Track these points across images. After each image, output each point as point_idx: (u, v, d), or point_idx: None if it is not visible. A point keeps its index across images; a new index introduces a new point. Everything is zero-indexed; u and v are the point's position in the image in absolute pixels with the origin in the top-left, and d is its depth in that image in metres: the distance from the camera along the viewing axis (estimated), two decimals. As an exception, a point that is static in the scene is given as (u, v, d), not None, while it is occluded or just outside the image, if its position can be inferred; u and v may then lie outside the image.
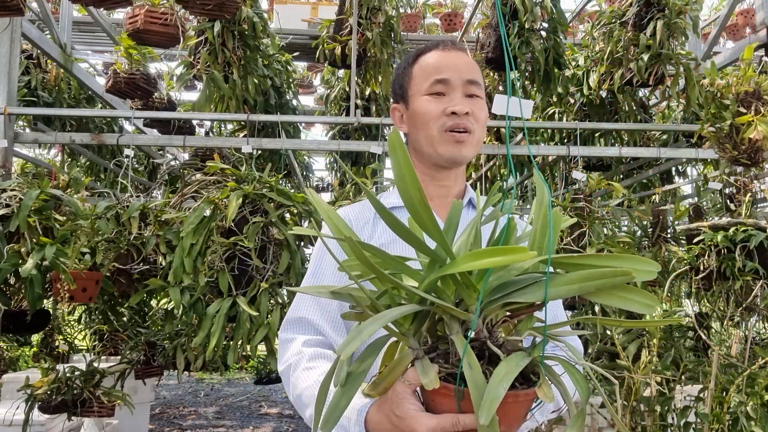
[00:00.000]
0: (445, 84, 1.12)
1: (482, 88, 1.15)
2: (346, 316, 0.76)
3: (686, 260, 2.79)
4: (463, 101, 1.11)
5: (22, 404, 2.69)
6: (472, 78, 1.12)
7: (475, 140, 1.12)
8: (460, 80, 1.12)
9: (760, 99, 2.65)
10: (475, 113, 1.11)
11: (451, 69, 1.12)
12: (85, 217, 2.52)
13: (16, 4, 2.62)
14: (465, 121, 1.10)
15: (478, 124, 1.12)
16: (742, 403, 2.20)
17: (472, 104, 1.11)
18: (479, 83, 1.13)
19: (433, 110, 1.11)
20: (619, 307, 0.61)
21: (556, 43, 3.36)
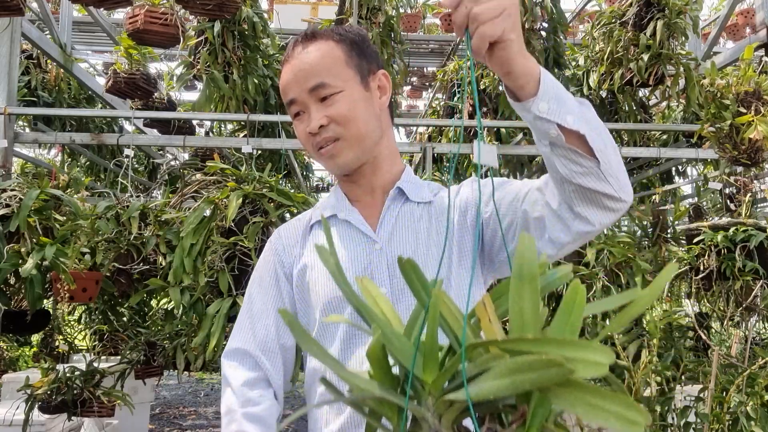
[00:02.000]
0: (296, 104, 1.03)
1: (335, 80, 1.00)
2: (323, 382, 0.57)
3: (686, 260, 2.79)
4: (317, 113, 0.99)
5: (22, 404, 2.69)
6: (314, 84, 0.99)
7: (350, 140, 1.01)
8: (304, 93, 1.01)
9: (760, 99, 2.65)
10: (334, 116, 0.99)
11: (293, 84, 1.02)
12: (85, 217, 2.52)
13: (16, 4, 2.62)
14: (325, 133, 1.00)
15: (344, 125, 1.00)
16: (742, 403, 2.20)
17: (327, 109, 0.99)
18: (324, 83, 0.99)
19: (301, 133, 1.04)
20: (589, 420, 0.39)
21: (556, 43, 3.37)
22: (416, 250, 1.02)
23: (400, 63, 4.02)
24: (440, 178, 2.95)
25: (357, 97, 1.01)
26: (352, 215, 1.08)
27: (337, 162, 1.03)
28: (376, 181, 1.09)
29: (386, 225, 1.06)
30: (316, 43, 1.03)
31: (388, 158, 1.10)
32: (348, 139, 1.01)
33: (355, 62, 1.03)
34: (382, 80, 1.08)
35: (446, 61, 5.12)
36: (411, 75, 6.38)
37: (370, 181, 1.09)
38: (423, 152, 3.28)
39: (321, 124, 0.99)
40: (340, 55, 1.02)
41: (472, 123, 3.85)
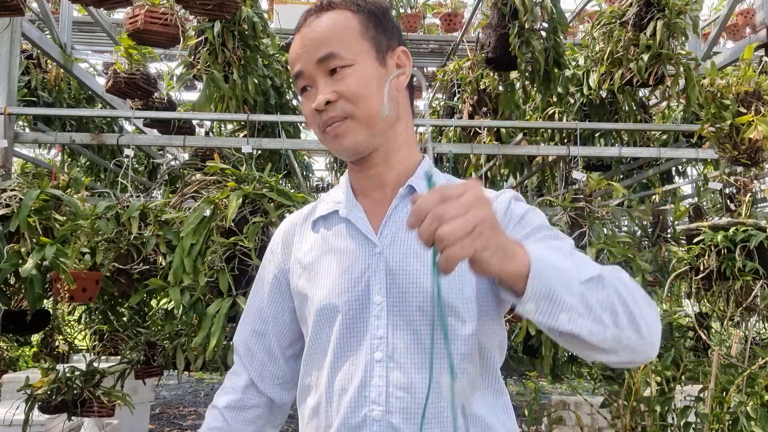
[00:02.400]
0: (302, 78, 0.93)
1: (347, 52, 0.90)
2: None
3: (686, 260, 2.79)
4: (326, 87, 0.89)
5: (22, 404, 2.69)
6: (322, 54, 0.89)
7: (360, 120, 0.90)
8: (312, 65, 0.91)
9: (760, 99, 2.65)
10: (344, 92, 0.89)
11: (300, 56, 0.92)
12: (85, 217, 2.52)
13: (16, 4, 2.62)
14: (332, 111, 0.89)
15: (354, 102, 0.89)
16: (742, 403, 2.20)
17: (336, 83, 0.89)
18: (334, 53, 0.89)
19: (307, 112, 0.94)
20: None
21: (556, 43, 3.36)
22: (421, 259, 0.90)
23: (400, 63, 4.01)
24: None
25: (371, 73, 0.90)
26: (353, 213, 0.97)
27: (344, 144, 0.91)
28: (387, 173, 0.97)
29: (390, 226, 0.94)
30: (331, 13, 0.93)
31: (403, 147, 0.98)
32: (358, 118, 0.90)
33: (372, 35, 0.92)
34: (402, 58, 0.96)
35: (446, 61, 5.12)
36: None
37: (381, 172, 0.97)
38: (423, 152, 3.27)
39: (328, 99, 0.89)
40: (356, 26, 0.92)
41: (472, 123, 3.85)
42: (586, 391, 3.30)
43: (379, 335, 0.88)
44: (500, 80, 3.89)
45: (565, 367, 3.07)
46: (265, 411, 1.07)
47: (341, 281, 0.92)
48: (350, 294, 0.91)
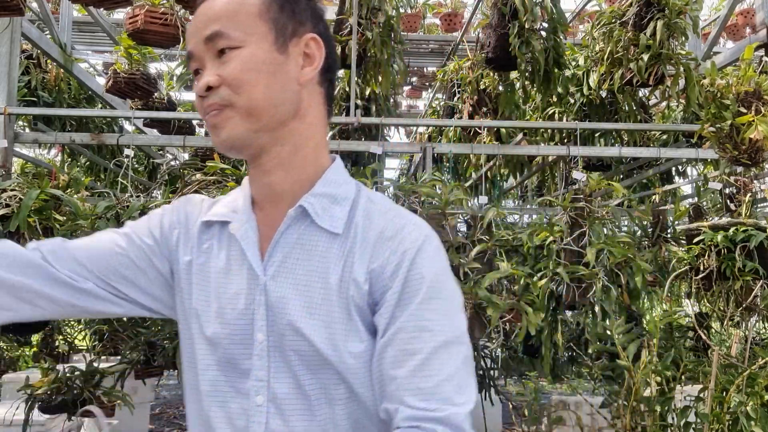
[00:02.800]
0: (193, 59, 0.81)
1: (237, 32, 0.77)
2: None
3: (686, 260, 2.79)
4: (211, 69, 0.78)
5: (22, 404, 2.69)
6: (211, 31, 0.78)
7: (240, 110, 0.77)
8: (200, 44, 0.79)
9: (760, 99, 2.65)
10: (226, 77, 0.77)
11: (192, 35, 0.81)
12: (85, 217, 2.52)
13: (16, 4, 2.62)
14: (213, 97, 0.77)
15: (236, 89, 0.77)
16: (742, 403, 2.20)
17: (221, 67, 0.77)
18: (221, 32, 0.77)
19: (196, 95, 0.81)
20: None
21: (556, 43, 3.37)
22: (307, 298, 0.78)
23: (400, 63, 4.02)
24: (440, 178, 2.96)
25: (261, 58, 0.78)
26: (244, 230, 0.83)
27: (220, 135, 0.78)
28: (281, 183, 0.82)
29: (278, 253, 0.81)
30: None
31: (304, 150, 0.83)
32: (238, 107, 0.77)
33: (273, 16, 0.80)
34: (311, 46, 0.83)
35: (446, 61, 5.12)
36: (411, 75, 6.38)
37: (273, 181, 0.82)
38: (423, 152, 3.28)
39: (210, 84, 0.77)
40: (254, 4, 0.79)
41: (472, 123, 3.85)
42: (586, 391, 3.30)
43: (260, 377, 0.78)
44: (500, 80, 3.89)
45: (565, 367, 3.07)
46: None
47: (227, 310, 0.81)
48: (233, 327, 0.80)
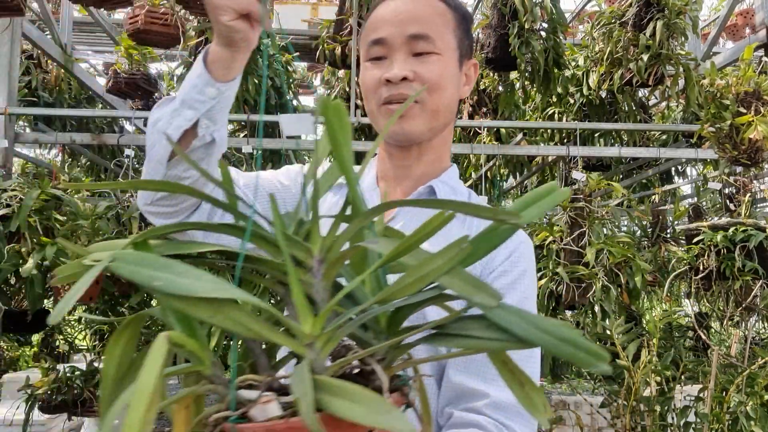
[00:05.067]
0: (382, 45, 0.87)
1: (439, 41, 0.87)
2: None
3: (686, 260, 2.80)
4: (405, 64, 0.85)
5: (23, 404, 2.70)
6: (417, 32, 0.85)
7: (428, 109, 0.87)
8: (400, 37, 0.86)
9: (759, 99, 2.65)
10: (424, 76, 0.85)
11: (389, 24, 0.87)
12: (85, 217, 2.52)
13: (17, 4, 2.62)
14: (404, 89, 0.85)
15: (430, 93, 0.86)
16: (742, 403, 2.20)
17: (418, 65, 0.85)
18: (428, 36, 0.86)
19: (370, 80, 0.89)
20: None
21: (556, 43, 3.37)
22: None
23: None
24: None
25: (451, 71, 0.88)
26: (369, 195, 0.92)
27: (405, 127, 0.87)
28: (416, 168, 0.93)
29: (400, 220, 0.89)
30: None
31: (438, 149, 0.94)
32: (427, 107, 0.87)
33: (460, 36, 0.90)
34: (471, 70, 0.95)
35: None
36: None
37: (410, 165, 0.92)
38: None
39: (405, 76, 0.84)
40: (451, 20, 0.89)
41: (472, 123, 3.86)
42: (586, 391, 3.30)
43: None
44: (500, 80, 3.90)
45: (565, 367, 3.08)
46: None
47: None
48: None
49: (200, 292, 0.41)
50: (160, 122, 0.76)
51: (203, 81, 0.76)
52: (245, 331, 0.45)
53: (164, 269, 0.43)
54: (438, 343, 0.45)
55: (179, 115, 0.75)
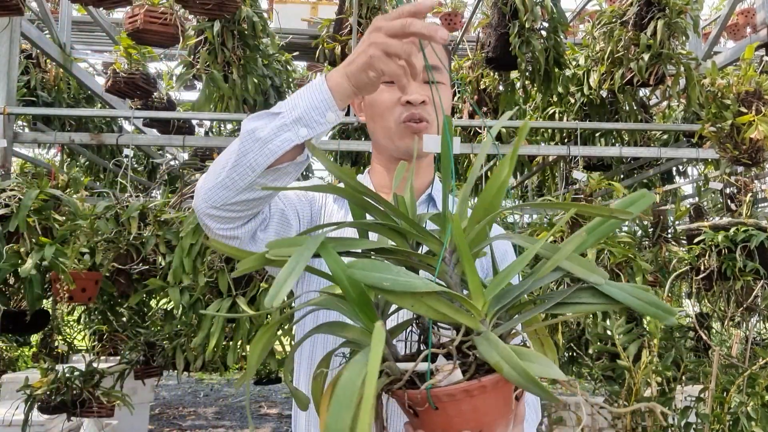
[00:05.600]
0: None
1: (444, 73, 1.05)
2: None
3: (687, 260, 2.79)
4: (421, 89, 1.01)
5: (22, 404, 2.69)
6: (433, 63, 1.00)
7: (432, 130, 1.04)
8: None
9: (760, 99, 2.64)
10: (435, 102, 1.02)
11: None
12: (84, 217, 2.51)
13: (16, 3, 2.61)
14: (421, 110, 1.01)
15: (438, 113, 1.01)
16: (743, 404, 2.20)
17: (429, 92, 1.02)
18: (439, 68, 1.03)
19: (387, 100, 1.02)
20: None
21: (557, 42, 3.36)
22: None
23: (400, 63, 4.01)
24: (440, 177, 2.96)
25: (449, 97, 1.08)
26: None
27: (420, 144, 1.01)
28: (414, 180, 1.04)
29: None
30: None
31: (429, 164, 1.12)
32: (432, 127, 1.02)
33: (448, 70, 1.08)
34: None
35: (446, 61, 5.12)
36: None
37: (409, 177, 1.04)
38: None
39: (424, 100, 1.01)
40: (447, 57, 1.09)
41: (472, 123, 3.85)
42: (586, 391, 3.29)
43: None
44: (500, 80, 3.89)
45: (566, 367, 3.07)
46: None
47: None
48: None
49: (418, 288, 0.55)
50: (259, 132, 0.79)
51: (327, 105, 0.80)
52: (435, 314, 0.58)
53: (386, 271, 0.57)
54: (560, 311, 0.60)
55: (290, 131, 0.79)
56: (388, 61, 0.74)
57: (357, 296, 0.60)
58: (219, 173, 0.83)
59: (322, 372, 0.70)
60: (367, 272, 0.56)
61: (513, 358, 0.53)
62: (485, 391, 0.57)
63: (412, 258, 0.63)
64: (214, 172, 0.85)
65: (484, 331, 0.58)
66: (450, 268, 0.62)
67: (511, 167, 0.63)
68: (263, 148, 0.79)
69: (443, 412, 0.57)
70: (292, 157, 0.82)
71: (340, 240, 0.64)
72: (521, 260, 0.59)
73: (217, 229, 0.88)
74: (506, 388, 0.60)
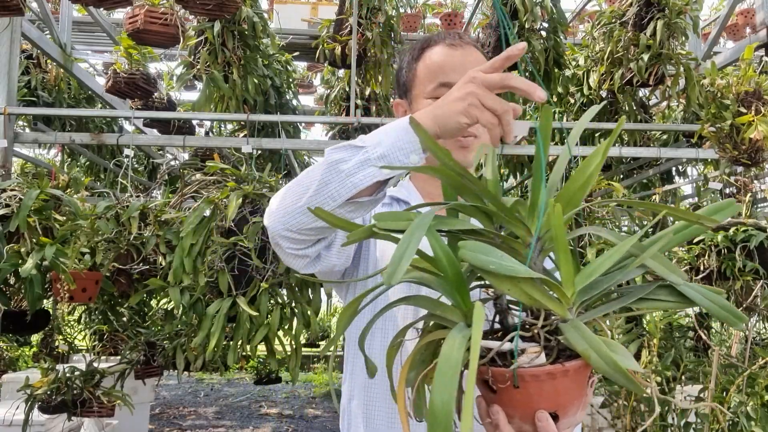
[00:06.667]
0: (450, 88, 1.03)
1: None
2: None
3: (686, 260, 2.79)
4: None
5: (22, 404, 2.69)
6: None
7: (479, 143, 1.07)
8: None
9: (760, 99, 2.65)
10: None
11: (457, 72, 1.03)
12: (84, 217, 2.51)
13: (16, 4, 2.61)
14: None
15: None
16: (743, 404, 2.20)
17: None
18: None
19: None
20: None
21: (556, 43, 3.36)
22: None
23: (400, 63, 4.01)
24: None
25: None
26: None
27: (468, 157, 1.04)
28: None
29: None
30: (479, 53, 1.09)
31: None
32: (481, 140, 1.05)
33: None
34: None
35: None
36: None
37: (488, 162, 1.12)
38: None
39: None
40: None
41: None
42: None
43: None
44: (500, 80, 3.88)
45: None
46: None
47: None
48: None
49: (519, 273, 0.58)
50: (343, 164, 0.81)
51: (412, 147, 0.80)
52: (528, 299, 0.61)
53: (491, 254, 0.59)
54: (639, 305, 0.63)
55: (373, 166, 0.80)
56: (484, 111, 0.76)
57: (453, 275, 0.63)
58: (299, 198, 0.84)
59: (401, 342, 0.73)
60: (476, 254, 0.59)
61: (602, 348, 0.56)
62: (567, 375, 0.61)
63: (495, 240, 0.66)
64: (293, 194, 0.86)
65: (572, 319, 0.61)
66: (535, 255, 0.65)
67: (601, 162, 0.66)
68: (345, 180, 0.80)
69: (524, 390, 0.61)
70: (371, 192, 0.83)
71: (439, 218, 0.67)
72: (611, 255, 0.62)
73: (288, 249, 0.91)
74: (584, 374, 0.63)
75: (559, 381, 0.61)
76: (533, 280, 0.59)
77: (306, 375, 8.09)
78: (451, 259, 0.63)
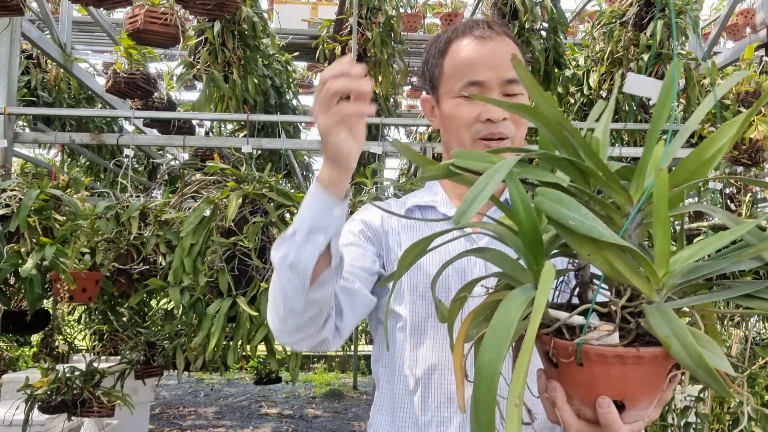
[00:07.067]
0: (479, 86, 0.97)
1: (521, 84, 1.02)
2: None
3: (686, 260, 2.79)
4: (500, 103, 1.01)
5: (22, 404, 2.69)
6: (512, 77, 0.96)
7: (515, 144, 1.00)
8: (497, 80, 0.97)
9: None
10: (514, 116, 0.96)
11: (487, 68, 0.97)
12: (84, 217, 2.51)
13: (16, 4, 2.61)
14: (502, 128, 0.97)
15: (517, 128, 0.98)
16: (743, 404, 2.20)
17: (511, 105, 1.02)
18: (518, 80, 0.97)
19: (466, 115, 0.98)
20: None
21: (556, 43, 3.36)
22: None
23: (400, 63, 4.02)
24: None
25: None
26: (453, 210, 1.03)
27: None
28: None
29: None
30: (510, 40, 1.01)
31: None
32: (515, 142, 0.99)
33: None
34: None
35: (446, 61, 5.11)
36: (411, 75, 6.38)
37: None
38: (423, 152, 3.27)
39: (506, 117, 0.96)
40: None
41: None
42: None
43: None
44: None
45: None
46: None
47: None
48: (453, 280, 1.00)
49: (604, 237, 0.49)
50: (289, 257, 0.81)
51: (327, 204, 0.81)
52: (610, 269, 0.53)
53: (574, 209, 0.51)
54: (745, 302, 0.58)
55: (309, 243, 0.80)
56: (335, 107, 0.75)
57: (529, 230, 0.57)
58: (279, 310, 0.87)
59: (465, 297, 0.69)
60: (556, 205, 0.52)
61: (687, 338, 0.49)
62: (640, 362, 0.53)
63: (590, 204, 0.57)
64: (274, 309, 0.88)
65: (657, 302, 0.54)
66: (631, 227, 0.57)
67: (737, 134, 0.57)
68: (295, 271, 0.81)
69: (588, 370, 0.54)
70: (326, 264, 0.82)
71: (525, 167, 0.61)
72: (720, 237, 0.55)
73: (308, 346, 0.92)
74: (663, 366, 0.56)
75: (630, 367, 0.53)
76: (619, 248, 0.51)
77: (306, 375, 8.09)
78: (530, 212, 0.56)
